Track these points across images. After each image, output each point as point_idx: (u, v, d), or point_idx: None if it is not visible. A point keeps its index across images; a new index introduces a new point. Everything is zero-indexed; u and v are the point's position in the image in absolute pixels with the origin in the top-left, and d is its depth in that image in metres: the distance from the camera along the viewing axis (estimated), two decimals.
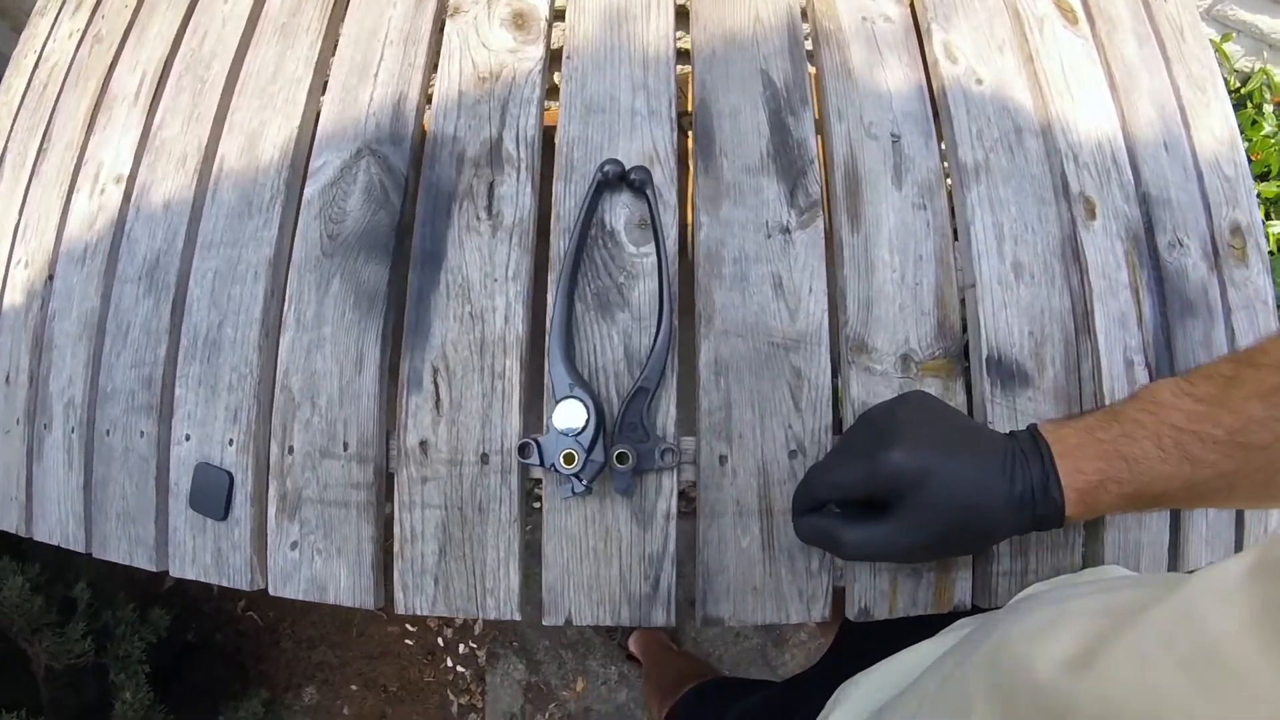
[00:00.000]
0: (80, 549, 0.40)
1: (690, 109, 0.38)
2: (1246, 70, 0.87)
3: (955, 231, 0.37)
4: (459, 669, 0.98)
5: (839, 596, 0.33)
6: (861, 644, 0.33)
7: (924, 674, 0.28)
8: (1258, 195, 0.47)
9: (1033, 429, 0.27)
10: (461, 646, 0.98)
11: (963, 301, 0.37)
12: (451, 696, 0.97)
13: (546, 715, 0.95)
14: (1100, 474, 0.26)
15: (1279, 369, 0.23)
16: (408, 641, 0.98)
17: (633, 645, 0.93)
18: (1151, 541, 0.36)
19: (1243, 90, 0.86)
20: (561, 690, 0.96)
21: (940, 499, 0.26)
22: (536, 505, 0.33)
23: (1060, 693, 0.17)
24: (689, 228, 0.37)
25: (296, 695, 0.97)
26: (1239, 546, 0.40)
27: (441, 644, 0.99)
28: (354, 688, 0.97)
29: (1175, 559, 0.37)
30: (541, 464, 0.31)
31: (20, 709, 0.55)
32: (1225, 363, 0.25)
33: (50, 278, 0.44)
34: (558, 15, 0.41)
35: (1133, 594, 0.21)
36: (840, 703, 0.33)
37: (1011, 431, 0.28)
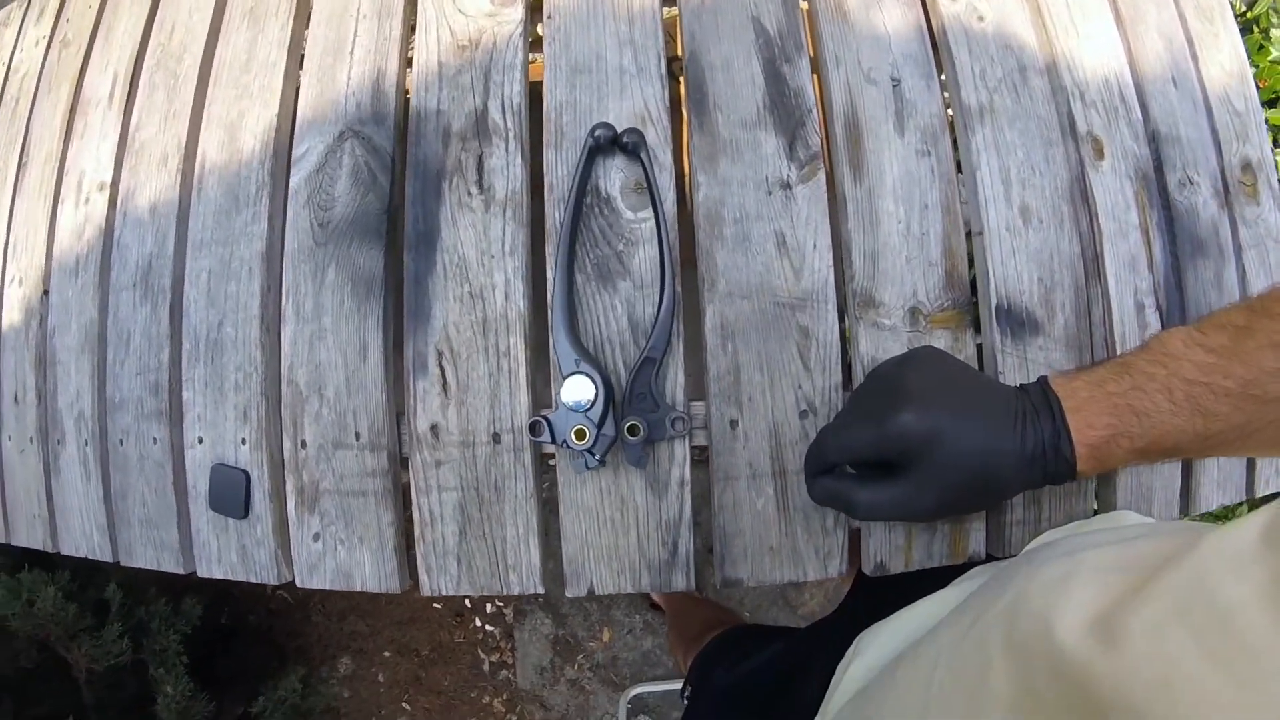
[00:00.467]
0: (108, 559, 0.41)
1: (680, 54, 0.36)
2: None
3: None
4: (488, 628, 1.01)
5: (855, 548, 0.33)
6: (878, 588, 0.33)
7: (940, 625, 0.28)
8: (1266, 123, 0.45)
9: (1043, 383, 0.27)
10: (489, 606, 1.01)
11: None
12: (482, 655, 1.00)
13: (575, 666, 0.98)
14: (1111, 429, 0.25)
15: None
16: (436, 605, 1.01)
17: (655, 594, 0.95)
18: (1164, 485, 0.37)
19: (1249, 15, 0.83)
20: (589, 641, 0.99)
21: (952, 460, 0.26)
22: (552, 463, 0.33)
23: (1077, 658, 0.17)
24: (686, 178, 0.35)
25: (332, 667, 1.00)
26: (1250, 489, 0.40)
27: (469, 605, 1.01)
28: (387, 654, 1.01)
29: (1187, 502, 0.37)
30: (553, 441, 0.31)
31: (65, 717, 0.57)
32: (1237, 311, 0.25)
33: (45, 293, 0.44)
34: None
35: (1148, 546, 0.21)
36: (860, 652, 0.33)
37: (1022, 386, 0.28)
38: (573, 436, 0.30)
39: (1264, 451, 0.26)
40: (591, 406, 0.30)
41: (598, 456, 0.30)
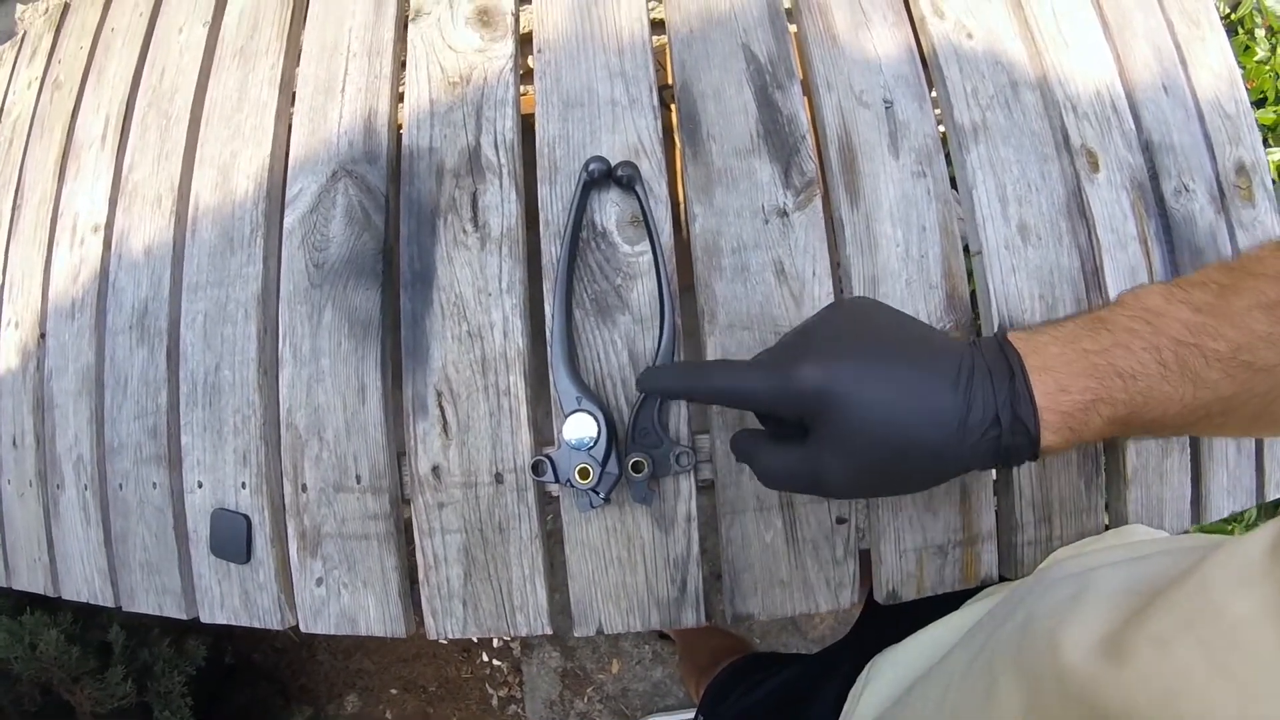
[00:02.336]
0: (109, 603, 0.40)
1: (670, 81, 0.36)
2: None
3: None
4: (495, 662, 1.00)
5: (867, 571, 0.33)
6: (889, 611, 0.33)
7: (952, 651, 0.28)
8: (1256, 123, 0.45)
9: (999, 336, 0.23)
10: (496, 641, 1.00)
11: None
12: (490, 690, 0.99)
13: (585, 699, 0.98)
14: (1091, 394, 0.21)
15: None
16: (442, 641, 1.00)
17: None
18: (1174, 496, 0.36)
19: (1233, 16, 0.83)
20: (598, 673, 0.98)
21: (861, 427, 0.21)
22: (555, 496, 0.33)
23: (1085, 676, 0.17)
24: (681, 207, 0.35)
25: (339, 706, 0.99)
26: (1260, 493, 0.39)
27: (476, 640, 1.01)
28: (394, 691, 0.99)
29: (1198, 511, 0.37)
30: (556, 480, 0.30)
31: None
32: (1217, 270, 0.22)
33: (42, 336, 0.44)
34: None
35: (1158, 565, 0.20)
36: (874, 678, 0.33)
37: (974, 340, 0.23)
38: (576, 476, 0.30)
39: (1240, 429, 0.23)
40: (594, 444, 0.30)
41: (602, 495, 0.30)
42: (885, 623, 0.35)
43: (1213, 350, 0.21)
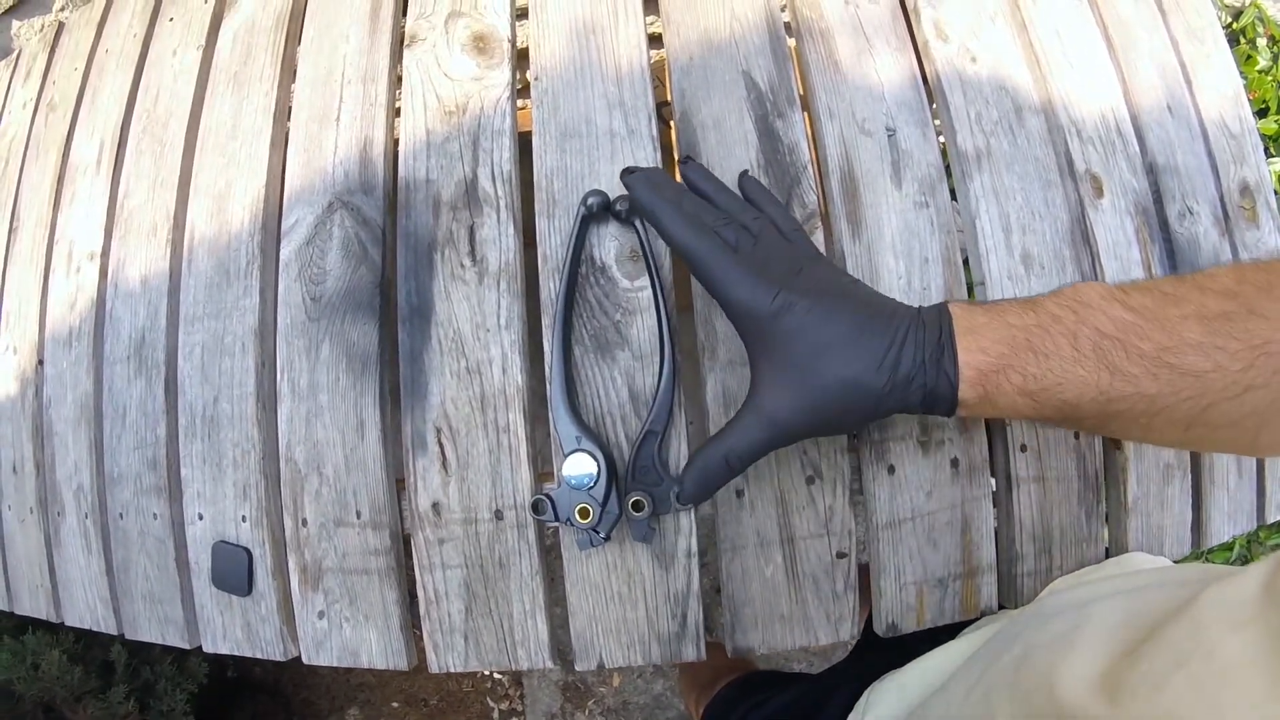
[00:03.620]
0: (112, 631, 0.41)
1: (669, 99, 0.36)
2: (1238, 5, 0.83)
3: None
4: (496, 675, 1.01)
5: (867, 593, 0.33)
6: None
7: (951, 679, 0.28)
8: (1260, 140, 0.44)
9: (941, 304, 0.26)
10: None
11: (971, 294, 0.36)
12: (491, 703, 1.00)
13: (586, 712, 0.98)
14: (1003, 359, 0.23)
15: (1228, 296, 0.21)
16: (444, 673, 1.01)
17: None
18: (1174, 523, 0.36)
19: (1235, 26, 0.83)
20: (599, 687, 0.99)
21: (807, 358, 0.25)
22: (554, 526, 0.32)
23: (1079, 713, 0.17)
24: None
25: (340, 719, 1.00)
26: (1261, 515, 0.39)
27: None
28: (395, 705, 1.00)
29: (1199, 537, 0.37)
30: (556, 519, 0.30)
31: None
32: (1167, 281, 0.23)
33: (40, 363, 0.44)
34: (520, 15, 0.39)
35: (1155, 597, 0.21)
36: (872, 705, 0.33)
37: (920, 306, 0.26)
38: (576, 515, 0.29)
39: (1170, 436, 0.23)
40: (594, 484, 0.30)
41: (602, 534, 0.30)
42: (885, 645, 0.35)
43: (1136, 347, 0.22)
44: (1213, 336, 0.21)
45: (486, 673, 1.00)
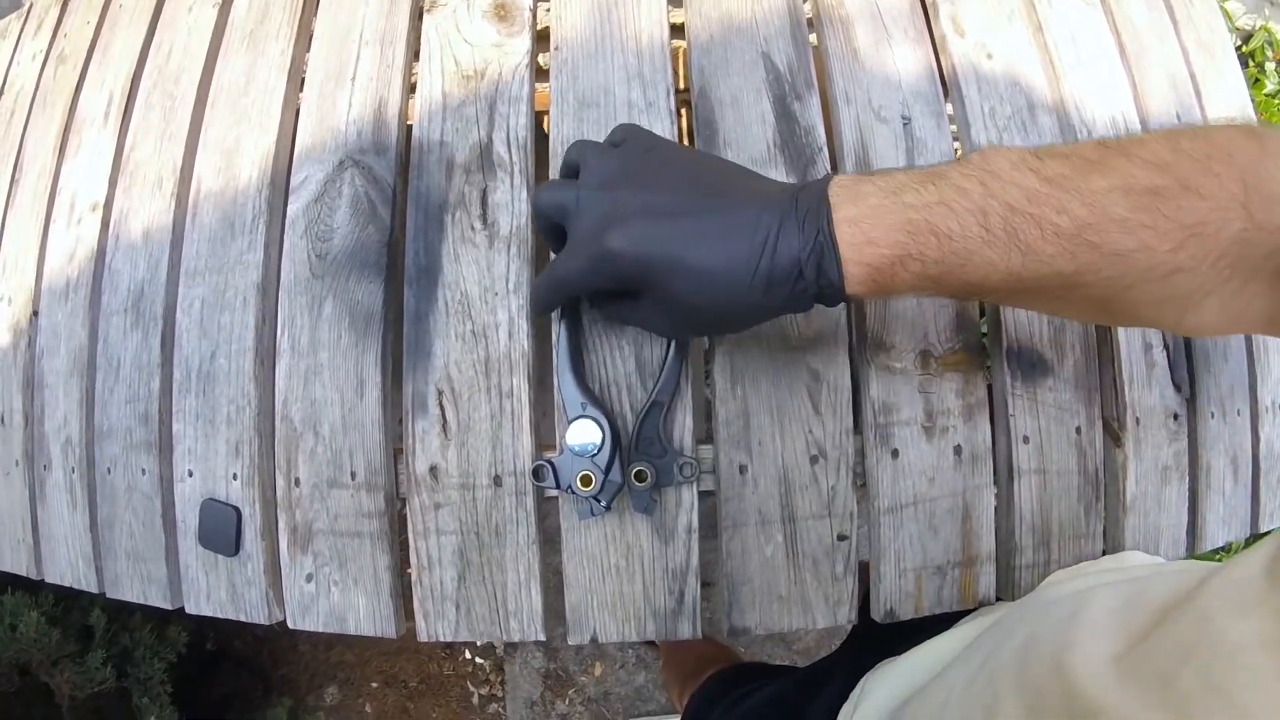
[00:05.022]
0: (93, 589, 0.40)
1: (686, 86, 0.36)
2: (1248, 28, 0.85)
3: None
4: (478, 660, 0.99)
5: (865, 578, 0.33)
6: (881, 627, 0.33)
7: (949, 667, 0.28)
8: None
9: (824, 181, 0.22)
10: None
11: None
12: (472, 688, 0.99)
13: (567, 700, 0.97)
14: (899, 249, 0.21)
15: (1160, 169, 0.19)
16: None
17: None
18: (1170, 524, 0.36)
19: (1244, 48, 0.84)
20: (580, 676, 0.98)
21: (674, 291, 0.23)
22: (552, 495, 0.32)
23: (1089, 697, 0.17)
24: None
25: (319, 697, 0.98)
26: (1255, 523, 0.39)
27: None
28: (374, 685, 0.99)
29: (1194, 540, 0.37)
30: (557, 486, 0.30)
31: None
32: (1090, 146, 0.20)
33: (35, 314, 0.43)
34: None
35: (1157, 585, 0.20)
36: (866, 695, 0.33)
37: (803, 185, 0.23)
38: (578, 483, 0.29)
39: (1082, 314, 0.22)
40: (598, 452, 0.29)
41: (604, 503, 0.29)
42: (878, 638, 0.35)
43: (1052, 224, 0.19)
44: (1140, 213, 0.19)
45: (469, 655, 0.99)
